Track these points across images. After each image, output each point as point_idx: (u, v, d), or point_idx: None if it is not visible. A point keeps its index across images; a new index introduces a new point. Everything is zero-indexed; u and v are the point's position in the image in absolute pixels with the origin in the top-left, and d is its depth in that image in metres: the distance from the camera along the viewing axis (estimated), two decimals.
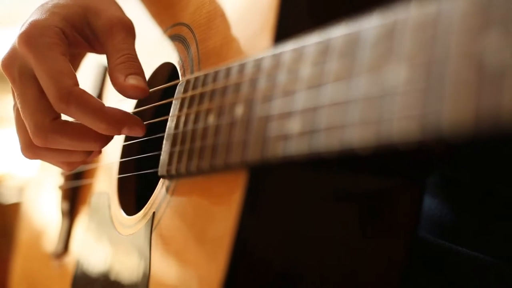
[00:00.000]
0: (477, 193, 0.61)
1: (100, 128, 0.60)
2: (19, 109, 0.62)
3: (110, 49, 0.63)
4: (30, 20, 0.62)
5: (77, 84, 0.60)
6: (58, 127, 0.61)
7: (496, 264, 0.57)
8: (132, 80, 0.61)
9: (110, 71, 0.62)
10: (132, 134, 0.62)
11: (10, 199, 2.21)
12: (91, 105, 0.59)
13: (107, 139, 0.63)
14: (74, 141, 0.61)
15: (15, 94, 0.63)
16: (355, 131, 0.39)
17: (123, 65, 0.61)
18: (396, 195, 0.52)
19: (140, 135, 0.62)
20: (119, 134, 0.61)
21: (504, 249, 0.59)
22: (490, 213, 0.60)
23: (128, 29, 0.64)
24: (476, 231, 0.61)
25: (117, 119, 0.60)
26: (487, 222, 0.60)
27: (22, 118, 0.62)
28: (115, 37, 0.63)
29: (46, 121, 0.61)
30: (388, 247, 0.52)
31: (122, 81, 0.61)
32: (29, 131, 0.62)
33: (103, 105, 0.60)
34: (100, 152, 0.66)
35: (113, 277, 0.67)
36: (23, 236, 1.05)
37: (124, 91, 0.61)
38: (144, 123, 0.71)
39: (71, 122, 0.62)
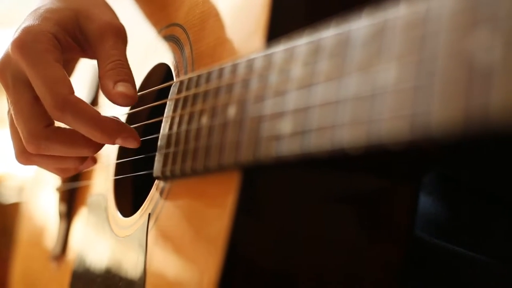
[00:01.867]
0: (473, 192, 0.61)
1: (94, 136, 0.60)
2: (13, 115, 0.62)
3: (100, 54, 0.63)
4: (23, 26, 0.61)
5: (72, 92, 0.59)
6: (51, 134, 0.61)
7: (491, 263, 0.57)
8: (120, 88, 0.60)
9: (100, 77, 0.62)
10: (126, 145, 0.61)
11: (10, 199, 2.22)
12: (86, 113, 0.59)
13: (99, 145, 0.62)
14: (66, 147, 0.61)
15: (9, 100, 0.62)
16: (346, 131, 0.39)
17: (112, 71, 0.61)
18: (391, 194, 0.52)
19: (135, 147, 0.62)
20: (113, 143, 0.61)
21: (499, 248, 0.58)
22: (485, 212, 0.60)
23: (119, 34, 0.64)
24: (471, 230, 0.61)
25: (112, 129, 0.60)
26: (482, 221, 0.60)
27: (16, 125, 0.62)
28: (106, 43, 0.63)
29: (39, 128, 0.60)
30: (384, 247, 0.52)
31: (111, 88, 0.60)
32: (22, 138, 0.61)
33: (99, 113, 0.60)
34: (94, 161, 0.66)
35: (110, 278, 0.67)
36: (22, 236, 1.05)
37: (113, 99, 0.61)
38: (139, 124, 0.71)
39: (64, 128, 0.62)
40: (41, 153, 0.62)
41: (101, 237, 0.72)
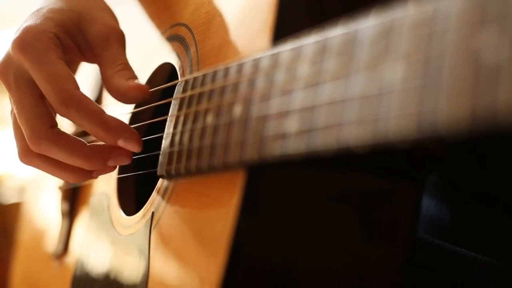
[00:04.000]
0: (476, 193, 0.61)
1: (97, 134, 0.60)
2: (16, 115, 0.62)
3: (106, 58, 0.63)
4: (24, 26, 0.62)
5: (77, 87, 0.59)
6: (53, 136, 0.60)
7: (494, 264, 0.57)
8: (135, 82, 0.61)
9: (108, 79, 0.62)
10: (128, 148, 0.61)
11: (10, 199, 2.21)
12: (90, 109, 0.59)
13: (98, 164, 0.62)
14: (65, 153, 0.61)
15: (12, 100, 0.63)
16: (353, 130, 0.39)
17: (124, 71, 0.62)
18: (395, 195, 0.52)
19: (136, 151, 0.62)
20: (115, 143, 0.60)
21: (502, 249, 0.59)
22: (488, 213, 0.60)
23: (122, 40, 0.65)
24: (475, 231, 0.61)
25: (115, 128, 0.59)
26: (485, 222, 0.60)
27: (19, 124, 0.62)
28: (111, 47, 0.63)
29: (43, 128, 0.60)
30: (387, 248, 0.52)
31: (124, 84, 0.61)
32: (25, 137, 0.61)
33: (103, 111, 0.60)
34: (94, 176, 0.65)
35: (112, 277, 0.67)
36: (23, 237, 1.05)
37: (127, 93, 0.61)
38: (144, 123, 0.71)
39: (67, 135, 0.61)
40: (42, 153, 0.62)
41: (104, 235, 0.73)
